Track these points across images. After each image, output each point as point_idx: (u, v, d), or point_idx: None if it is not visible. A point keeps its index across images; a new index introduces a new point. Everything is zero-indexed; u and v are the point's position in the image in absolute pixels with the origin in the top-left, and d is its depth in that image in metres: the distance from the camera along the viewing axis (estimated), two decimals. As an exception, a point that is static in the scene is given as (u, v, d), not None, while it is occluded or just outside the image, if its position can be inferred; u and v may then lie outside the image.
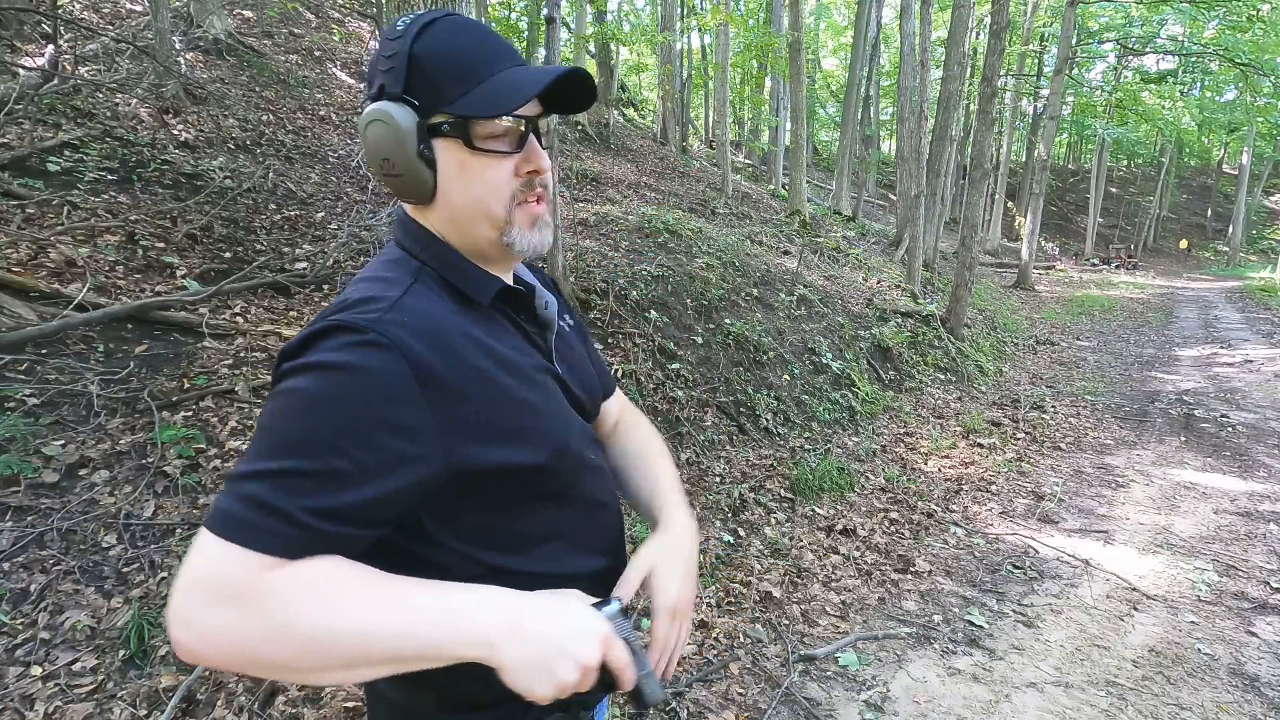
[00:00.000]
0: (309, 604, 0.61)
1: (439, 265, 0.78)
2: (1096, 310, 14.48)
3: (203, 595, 0.60)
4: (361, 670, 0.64)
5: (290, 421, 0.64)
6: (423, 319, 0.71)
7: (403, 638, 0.63)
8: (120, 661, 2.19)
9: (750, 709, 2.44)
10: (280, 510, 0.61)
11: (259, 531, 0.60)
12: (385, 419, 0.65)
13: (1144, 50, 20.48)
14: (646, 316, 5.23)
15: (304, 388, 0.65)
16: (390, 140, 0.72)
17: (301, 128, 6.65)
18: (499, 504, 0.76)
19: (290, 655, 0.61)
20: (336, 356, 0.65)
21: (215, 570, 0.60)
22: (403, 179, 0.75)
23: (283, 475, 0.62)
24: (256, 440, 0.65)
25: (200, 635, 0.59)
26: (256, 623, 0.59)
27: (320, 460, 0.63)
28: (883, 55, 24.73)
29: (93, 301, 3.40)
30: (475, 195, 0.76)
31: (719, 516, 3.85)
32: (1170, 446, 5.81)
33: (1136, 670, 2.76)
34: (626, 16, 22.88)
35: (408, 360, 0.67)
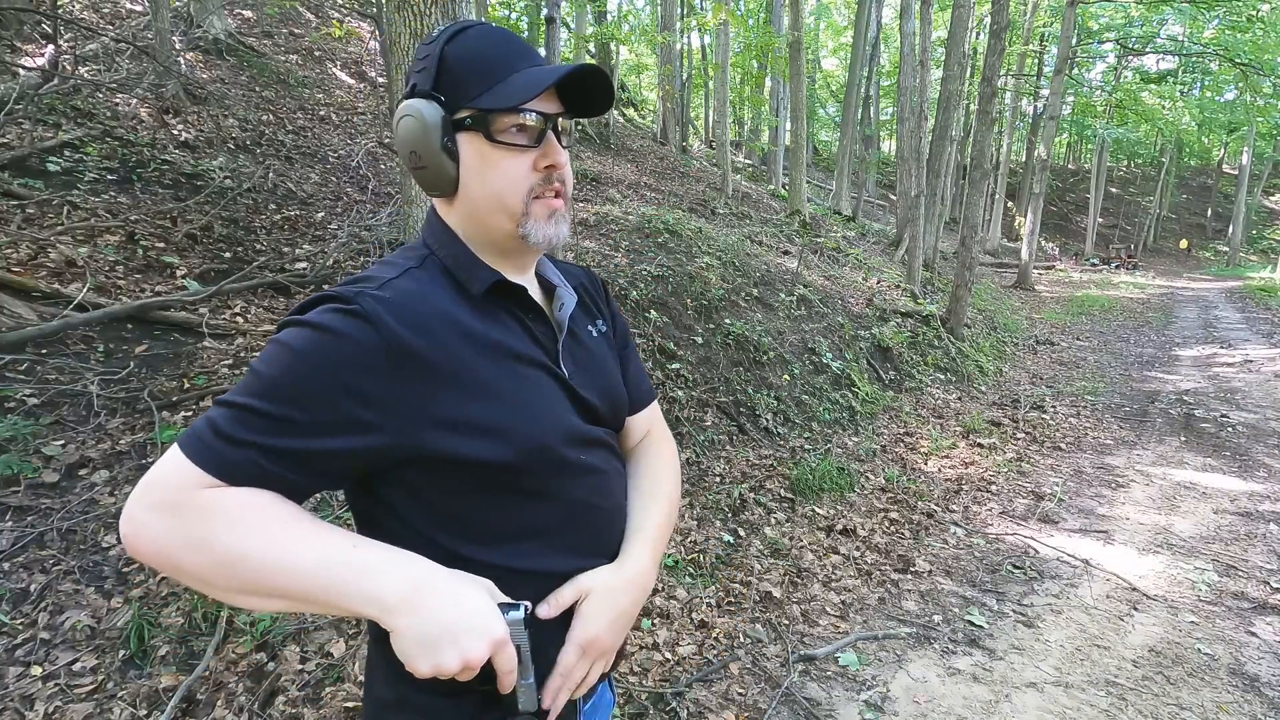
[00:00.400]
0: (228, 525, 0.66)
1: (444, 255, 0.83)
2: (1096, 310, 14.48)
3: (148, 497, 0.67)
4: (268, 600, 0.68)
5: (265, 367, 0.70)
6: (408, 299, 0.75)
7: (305, 576, 0.66)
8: (120, 661, 2.19)
9: (750, 709, 2.44)
10: (230, 437, 0.67)
11: (207, 451, 0.67)
12: (347, 384, 0.70)
13: (1144, 50, 20.49)
14: (646, 316, 5.23)
15: (285, 341, 0.71)
16: (418, 133, 0.78)
17: (301, 128, 6.65)
18: (465, 493, 0.77)
19: (204, 568, 0.66)
20: (319, 319, 0.71)
21: (163, 477, 0.67)
22: (429, 170, 0.80)
23: (244, 410, 0.68)
24: (242, 378, 0.72)
25: (136, 531, 0.66)
26: (181, 532, 0.66)
27: (278, 405, 0.68)
28: (883, 55, 24.74)
29: (93, 301, 3.40)
30: (494, 187, 0.80)
31: (719, 516, 3.85)
32: (1170, 446, 5.81)
33: (1136, 670, 2.76)
34: (626, 17, 22.88)
35: (380, 334, 0.71)
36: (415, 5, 2.92)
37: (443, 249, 0.83)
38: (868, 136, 23.20)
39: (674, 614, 2.94)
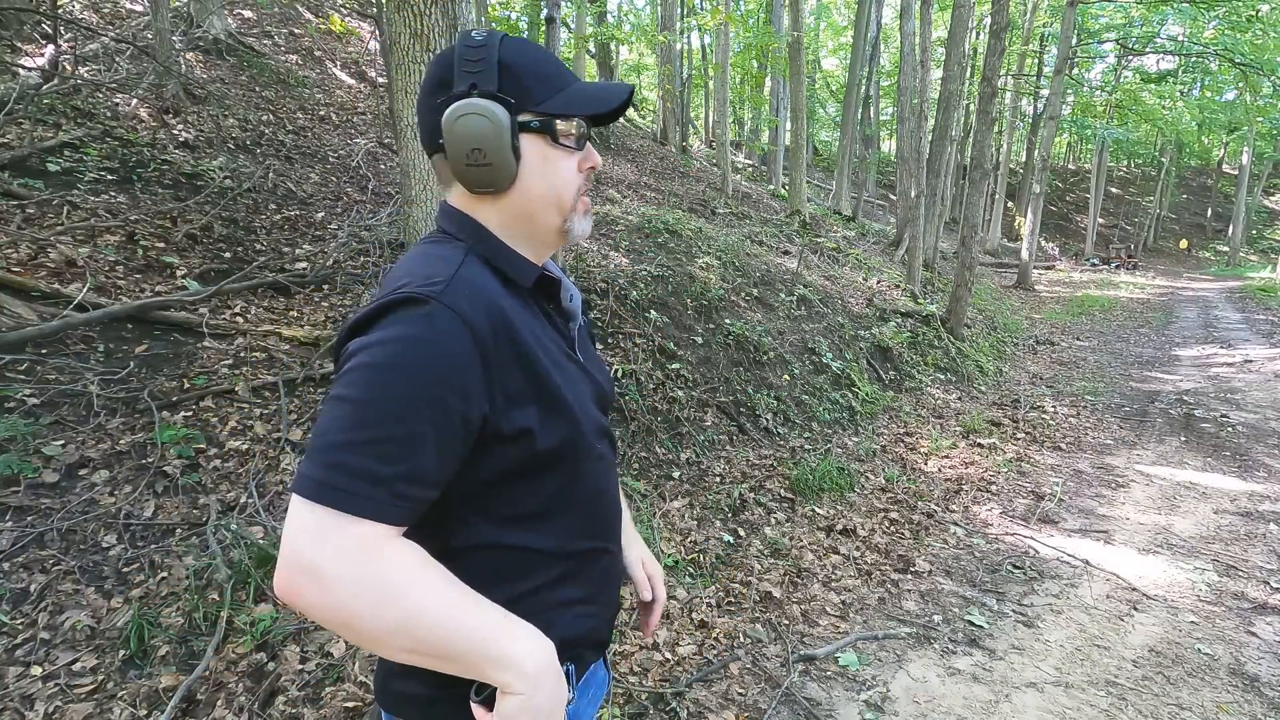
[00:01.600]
0: (408, 583, 0.67)
1: (485, 250, 0.85)
2: (1096, 310, 14.47)
3: (329, 552, 0.65)
4: (421, 656, 0.69)
5: (375, 392, 0.68)
6: (479, 291, 0.77)
7: (468, 643, 0.69)
8: (120, 661, 2.19)
9: (750, 709, 2.44)
10: (385, 478, 0.67)
11: (369, 502, 0.66)
12: (455, 385, 0.71)
13: (1144, 50, 20.47)
14: (646, 316, 5.23)
15: (382, 359, 0.70)
16: (487, 132, 0.80)
17: (301, 128, 6.65)
18: (507, 475, 0.80)
19: (388, 622, 0.66)
20: (409, 328, 0.71)
21: (338, 533, 0.65)
22: (490, 168, 0.82)
23: (381, 445, 0.67)
24: (341, 411, 0.68)
25: (327, 587, 0.64)
26: (376, 584, 0.65)
27: (408, 427, 0.68)
28: (883, 55, 24.73)
29: (93, 301, 3.40)
30: (553, 184, 0.86)
31: (719, 516, 3.85)
32: (1170, 446, 5.81)
33: (1136, 670, 2.76)
34: (626, 16, 22.88)
35: (470, 329, 0.73)
36: (415, 5, 2.91)
37: (480, 244, 0.85)
38: (868, 136, 23.20)
39: (674, 614, 2.94)
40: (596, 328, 4.91)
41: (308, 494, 0.66)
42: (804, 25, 13.10)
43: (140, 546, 2.55)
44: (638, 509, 3.67)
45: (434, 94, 0.83)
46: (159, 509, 2.71)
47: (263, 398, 3.38)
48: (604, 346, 4.79)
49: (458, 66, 0.82)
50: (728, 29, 12.52)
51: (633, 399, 4.43)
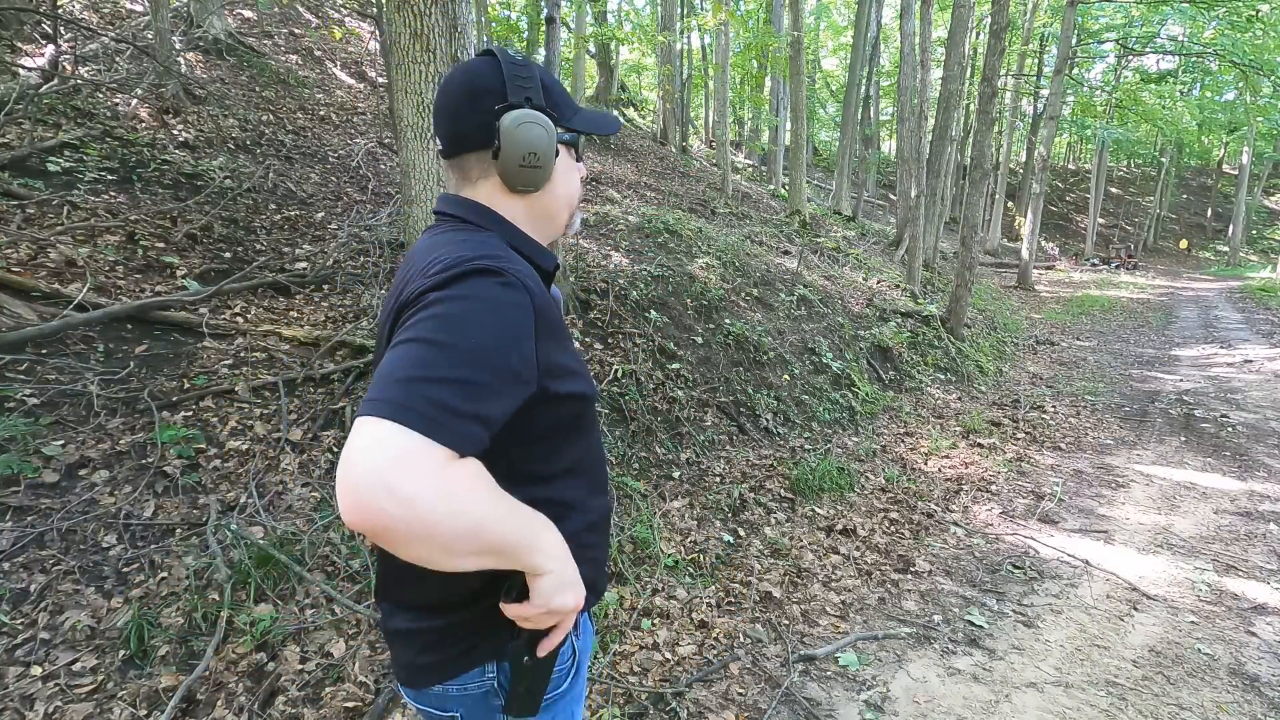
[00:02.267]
0: (477, 495, 0.75)
1: (512, 239, 0.95)
2: (1096, 310, 14.47)
3: (409, 470, 0.68)
4: (483, 558, 0.77)
5: (458, 337, 0.76)
6: (530, 272, 0.88)
7: (514, 537, 0.79)
8: (120, 661, 2.19)
9: (750, 709, 2.44)
10: (463, 413, 0.73)
11: (443, 429, 0.71)
12: (520, 347, 0.81)
13: (1144, 50, 20.46)
14: (646, 316, 5.23)
15: (465, 311, 0.78)
16: (543, 140, 0.93)
17: (301, 128, 6.65)
18: (547, 430, 0.92)
19: (457, 532, 0.72)
20: (490, 291, 0.80)
21: (417, 456, 0.69)
22: (539, 170, 0.94)
23: (460, 385, 0.74)
24: (424, 350, 0.74)
25: (405, 500, 0.68)
26: (454, 498, 0.71)
27: (485, 373, 0.76)
28: (883, 55, 24.71)
29: (93, 301, 3.40)
30: (570, 188, 1.03)
31: (719, 516, 3.85)
32: (1170, 446, 5.81)
33: (1136, 670, 2.76)
34: (626, 16, 22.86)
35: (533, 301, 0.84)
36: (415, 5, 2.91)
37: (508, 235, 0.95)
38: (868, 136, 23.19)
39: (674, 614, 2.93)
40: (596, 327, 4.92)
41: (389, 415, 0.69)
42: (804, 25, 13.10)
43: (140, 546, 2.55)
44: (638, 509, 3.67)
45: (481, 99, 0.92)
46: (159, 509, 2.71)
47: (263, 398, 3.38)
48: (604, 346, 4.79)
49: (510, 80, 0.93)
50: (728, 29, 12.52)
51: (633, 399, 4.43)
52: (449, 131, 0.95)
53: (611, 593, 2.98)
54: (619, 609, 2.89)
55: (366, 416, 0.70)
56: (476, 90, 0.92)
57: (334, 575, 2.71)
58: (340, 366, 3.71)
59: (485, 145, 0.93)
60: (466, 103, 0.93)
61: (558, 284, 4.92)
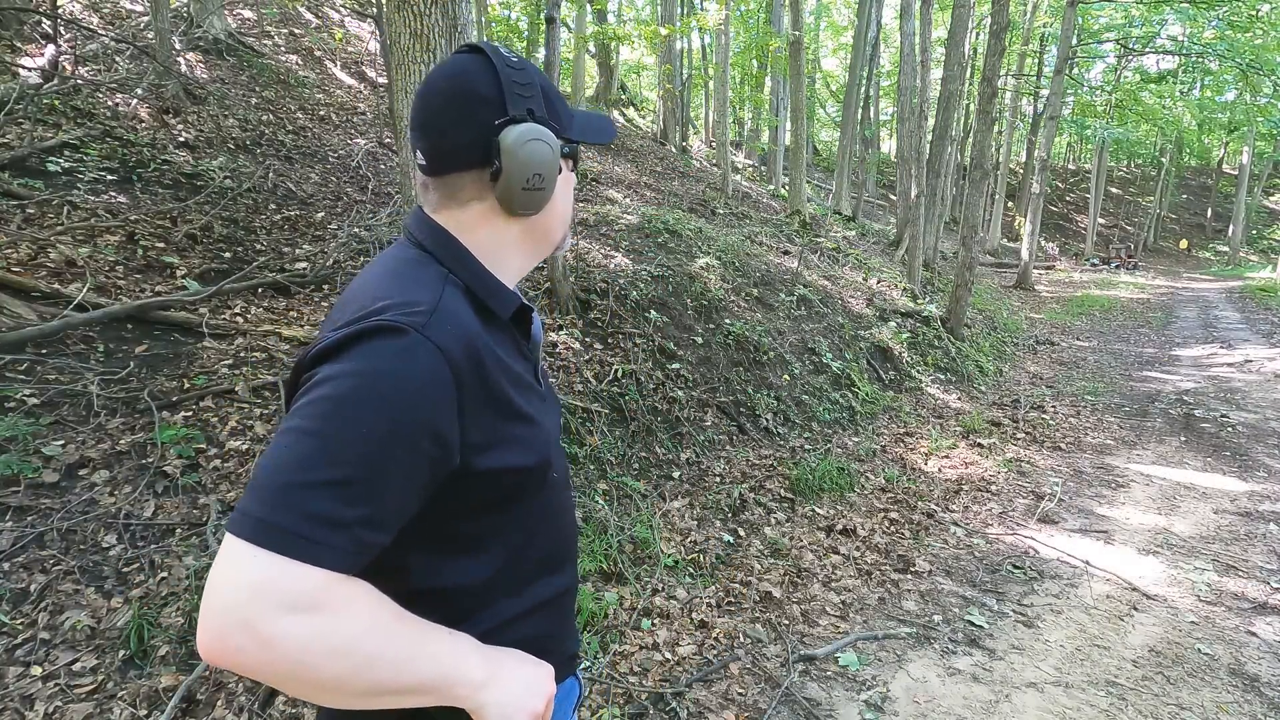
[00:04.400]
0: (368, 625, 0.64)
1: (467, 277, 0.80)
2: (1096, 310, 14.47)
3: (274, 604, 0.59)
4: (381, 697, 0.66)
5: (344, 427, 0.63)
6: (460, 326, 0.73)
7: (425, 672, 0.67)
8: (120, 661, 2.19)
9: (750, 709, 2.44)
10: (346, 522, 0.62)
11: (325, 550, 0.61)
12: (429, 426, 0.67)
13: (1144, 50, 20.45)
14: (646, 316, 5.23)
15: (354, 391, 0.64)
16: (547, 158, 0.80)
17: (301, 128, 6.65)
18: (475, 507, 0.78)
19: (342, 672, 0.62)
20: (387, 361, 0.66)
21: (286, 583, 0.59)
22: (542, 193, 0.82)
23: (343, 487, 0.62)
24: (303, 446, 0.63)
25: (265, 642, 0.58)
26: (326, 636, 0.60)
27: (376, 469, 0.63)
28: (883, 55, 24.72)
29: (93, 301, 3.40)
30: (568, 203, 0.92)
31: (719, 516, 3.85)
32: (1170, 446, 5.81)
33: (1136, 670, 2.76)
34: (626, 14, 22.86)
35: (450, 367, 0.69)
36: (415, 5, 2.91)
37: (462, 269, 0.81)
38: (868, 136, 23.18)
39: (674, 614, 2.94)
40: (596, 327, 4.92)
41: (252, 537, 0.59)
42: (804, 25, 13.10)
43: (140, 546, 2.55)
44: (638, 509, 3.67)
45: (476, 111, 0.78)
46: (159, 509, 2.71)
47: (263, 398, 3.38)
48: (604, 346, 4.79)
49: (508, 89, 0.79)
50: (728, 28, 12.52)
51: (633, 399, 4.43)
52: (435, 146, 0.80)
53: (611, 593, 2.98)
54: (619, 609, 2.89)
55: (230, 535, 0.60)
56: (470, 99, 0.78)
57: (334, 575, 2.71)
58: (340, 366, 3.70)
59: (481, 164, 0.79)
60: (458, 114, 0.78)
61: (557, 285, 4.94)
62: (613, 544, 3.26)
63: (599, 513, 3.46)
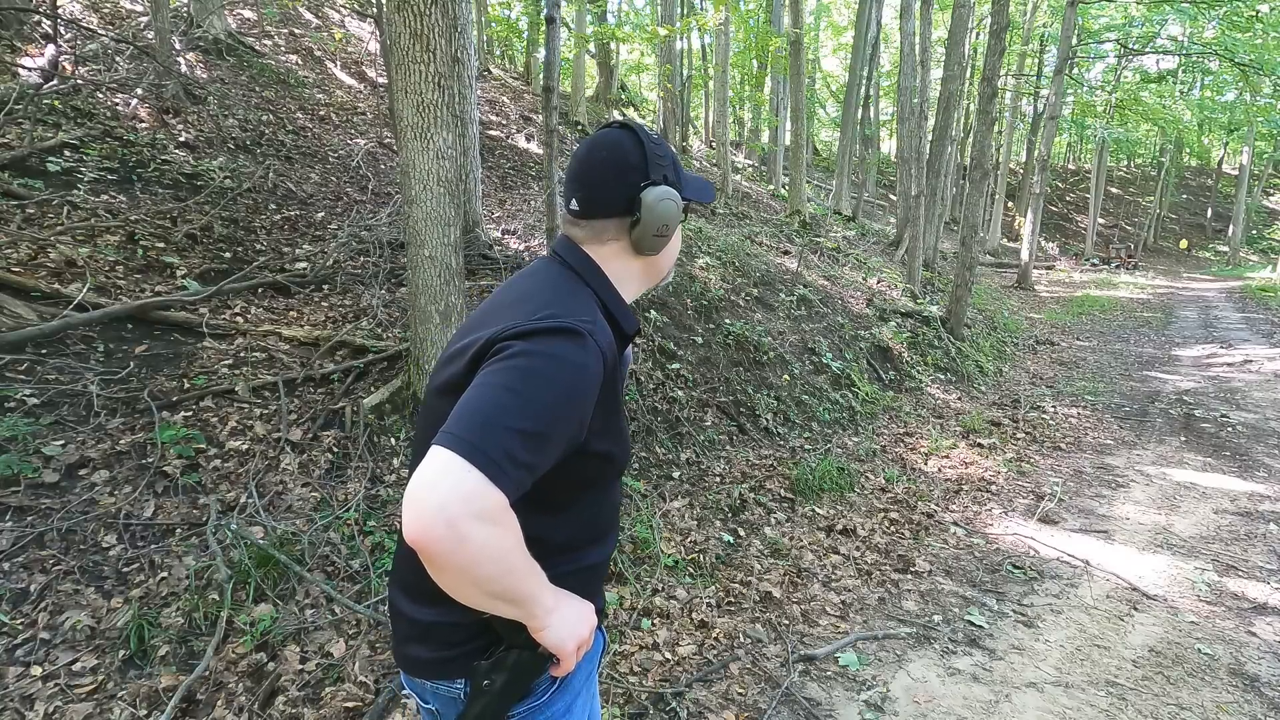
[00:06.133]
0: (516, 544, 0.82)
1: (607, 298, 1.06)
2: (1096, 310, 14.47)
3: (472, 509, 0.76)
4: (499, 601, 0.85)
5: (537, 392, 0.83)
6: (609, 338, 0.97)
7: (531, 589, 0.88)
8: (120, 661, 2.19)
9: (750, 709, 2.44)
10: (522, 463, 0.80)
11: (508, 479, 0.79)
12: (582, 409, 0.89)
13: (1144, 50, 20.45)
14: (646, 316, 5.23)
15: (551, 370, 0.86)
16: (674, 215, 1.06)
17: (301, 128, 6.65)
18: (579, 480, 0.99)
19: (495, 573, 0.80)
20: (575, 354, 0.88)
21: (481, 498, 0.77)
22: (666, 239, 1.08)
23: (527, 436, 0.81)
24: (509, 399, 0.82)
25: (462, 537, 0.75)
26: (498, 544, 0.79)
27: (551, 430, 0.84)
28: (883, 55, 24.71)
29: (93, 301, 3.40)
30: (675, 250, 1.18)
31: (719, 516, 3.85)
32: (1170, 446, 5.81)
33: (1136, 670, 2.76)
34: (626, 17, 22.86)
35: (605, 368, 0.92)
36: (415, 5, 2.91)
37: (603, 291, 1.06)
38: (868, 136, 23.17)
39: (674, 614, 2.94)
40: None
41: (465, 453, 0.77)
42: (804, 25, 13.09)
43: (140, 546, 2.55)
44: (638, 509, 3.67)
45: (628, 174, 1.04)
46: (159, 509, 2.71)
47: (263, 398, 3.38)
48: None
49: (651, 159, 1.05)
50: (728, 28, 12.51)
51: (633, 399, 4.43)
52: (591, 197, 1.05)
53: (612, 593, 2.98)
54: (619, 609, 2.89)
55: (445, 449, 0.77)
56: (624, 166, 1.04)
57: (334, 575, 2.71)
58: (340, 366, 3.71)
59: (625, 214, 1.05)
60: (615, 176, 1.04)
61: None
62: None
63: (599, 513, 3.46)
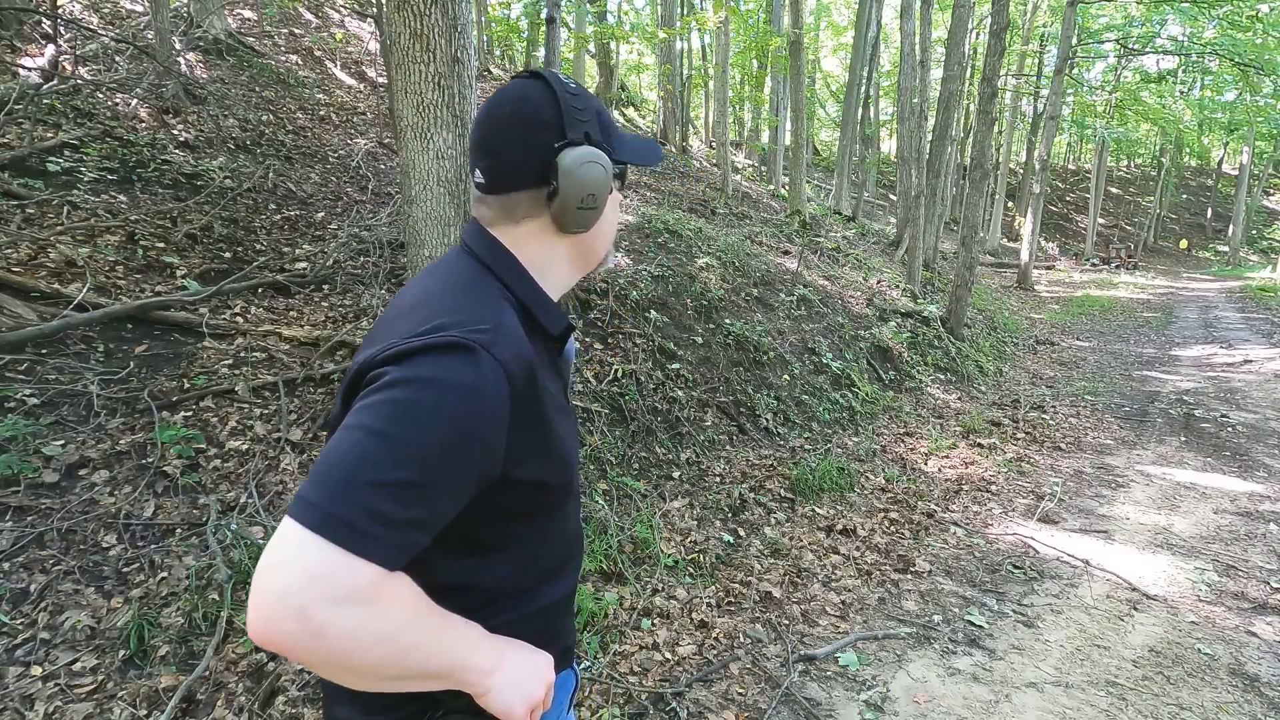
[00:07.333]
0: (401, 622, 0.67)
1: (522, 291, 0.86)
2: (1096, 310, 14.47)
3: (327, 593, 0.61)
4: (407, 681, 0.71)
5: (409, 433, 0.66)
6: (519, 345, 0.77)
7: (447, 660, 0.72)
8: (120, 661, 2.19)
9: (750, 709, 2.44)
10: (400, 522, 0.65)
11: (379, 545, 0.64)
12: (484, 439, 0.71)
13: (1144, 50, 20.45)
14: (646, 316, 5.23)
15: (424, 400, 0.68)
16: (602, 180, 0.85)
17: (301, 128, 6.65)
18: (506, 514, 0.82)
19: (382, 659, 0.66)
20: (458, 375, 0.70)
21: (344, 575, 0.62)
22: (594, 212, 0.87)
23: (402, 488, 0.65)
24: (371, 444, 0.65)
25: (317, 630, 0.61)
26: (375, 627, 0.64)
27: (435, 475, 0.67)
28: (883, 55, 24.71)
29: (93, 301, 3.40)
30: (614, 223, 0.95)
31: (719, 516, 3.85)
32: (1170, 446, 5.81)
33: (1136, 670, 2.76)
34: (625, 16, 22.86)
35: (510, 384, 0.73)
36: (415, 5, 2.91)
37: (518, 286, 0.86)
38: (868, 136, 23.18)
39: (674, 614, 2.94)
40: (596, 327, 4.92)
41: (316, 526, 0.62)
42: (804, 25, 13.09)
43: (140, 546, 2.55)
44: (638, 509, 3.67)
45: (537, 134, 0.83)
46: (159, 509, 2.71)
47: (263, 398, 3.38)
48: (604, 346, 4.79)
49: (567, 114, 0.84)
50: (728, 28, 12.51)
51: (633, 399, 4.43)
52: (496, 166, 0.85)
53: (611, 593, 2.98)
54: (619, 609, 2.89)
55: (292, 520, 0.63)
56: (533, 125, 0.83)
57: (334, 575, 2.71)
58: (340, 366, 3.71)
59: (539, 184, 0.84)
60: (520, 137, 0.83)
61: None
62: (613, 544, 3.26)
63: (599, 513, 3.46)
